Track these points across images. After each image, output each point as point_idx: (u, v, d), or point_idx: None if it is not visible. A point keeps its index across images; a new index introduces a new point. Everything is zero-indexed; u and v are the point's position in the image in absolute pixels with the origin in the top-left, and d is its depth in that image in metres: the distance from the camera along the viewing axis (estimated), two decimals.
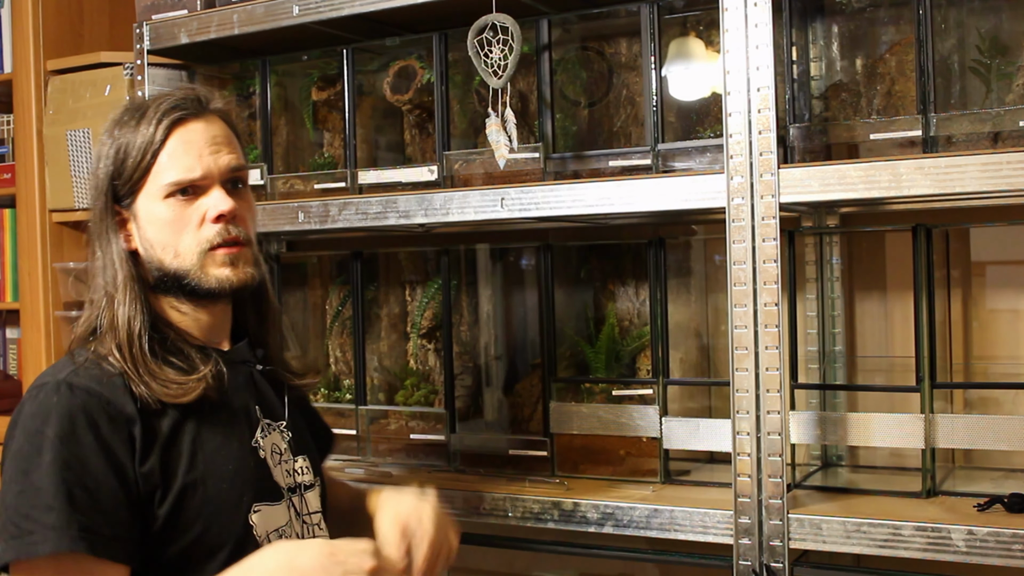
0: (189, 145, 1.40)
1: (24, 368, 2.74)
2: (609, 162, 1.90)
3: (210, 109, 1.45)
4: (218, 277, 1.41)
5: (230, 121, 1.50)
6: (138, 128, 1.40)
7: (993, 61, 1.73)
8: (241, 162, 1.46)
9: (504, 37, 1.86)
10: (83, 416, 1.29)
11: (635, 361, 2.09)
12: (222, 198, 1.40)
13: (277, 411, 1.51)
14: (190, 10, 2.29)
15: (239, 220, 1.43)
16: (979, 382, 2.02)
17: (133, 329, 1.38)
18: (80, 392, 1.31)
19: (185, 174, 1.40)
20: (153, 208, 1.40)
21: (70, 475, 1.27)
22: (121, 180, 1.41)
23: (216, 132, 1.44)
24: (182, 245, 1.40)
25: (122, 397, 1.33)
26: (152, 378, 1.35)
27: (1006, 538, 1.54)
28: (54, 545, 1.24)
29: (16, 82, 2.71)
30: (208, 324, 1.47)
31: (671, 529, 1.79)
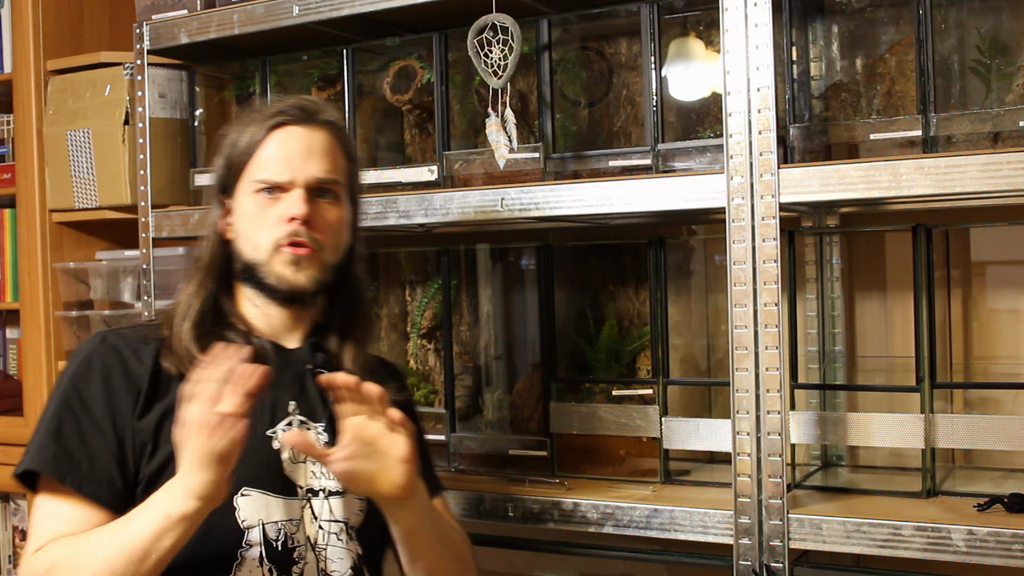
0: (283, 148, 1.50)
1: (24, 368, 2.74)
2: (609, 162, 1.90)
3: (317, 120, 1.53)
4: (278, 274, 1.49)
5: (339, 135, 1.56)
6: (248, 127, 1.52)
7: (993, 61, 1.73)
8: (331, 176, 1.52)
9: (504, 37, 1.86)
10: (99, 362, 1.44)
11: (635, 361, 2.09)
12: (298, 202, 1.48)
13: (318, 413, 1.52)
14: (190, 10, 2.29)
15: (315, 227, 1.49)
16: (979, 382, 2.02)
17: (190, 308, 1.50)
18: (108, 344, 1.46)
19: (271, 175, 1.49)
20: (245, 201, 1.51)
21: (68, 410, 1.41)
22: (228, 172, 1.53)
23: (314, 142, 1.51)
24: (259, 239, 1.49)
25: (145, 358, 1.46)
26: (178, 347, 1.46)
27: (1006, 538, 1.54)
28: (26, 464, 1.39)
29: (16, 82, 2.71)
30: (277, 322, 1.54)
31: (671, 529, 1.79)
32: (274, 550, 1.43)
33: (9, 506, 2.91)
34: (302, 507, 1.46)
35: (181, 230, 2.31)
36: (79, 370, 1.44)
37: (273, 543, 1.43)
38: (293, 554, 1.44)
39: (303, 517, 1.46)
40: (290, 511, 1.45)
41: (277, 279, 1.49)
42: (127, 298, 2.68)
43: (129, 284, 2.68)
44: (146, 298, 2.38)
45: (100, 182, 2.56)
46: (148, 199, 2.36)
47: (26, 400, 2.73)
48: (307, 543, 1.45)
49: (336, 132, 1.55)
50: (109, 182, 2.55)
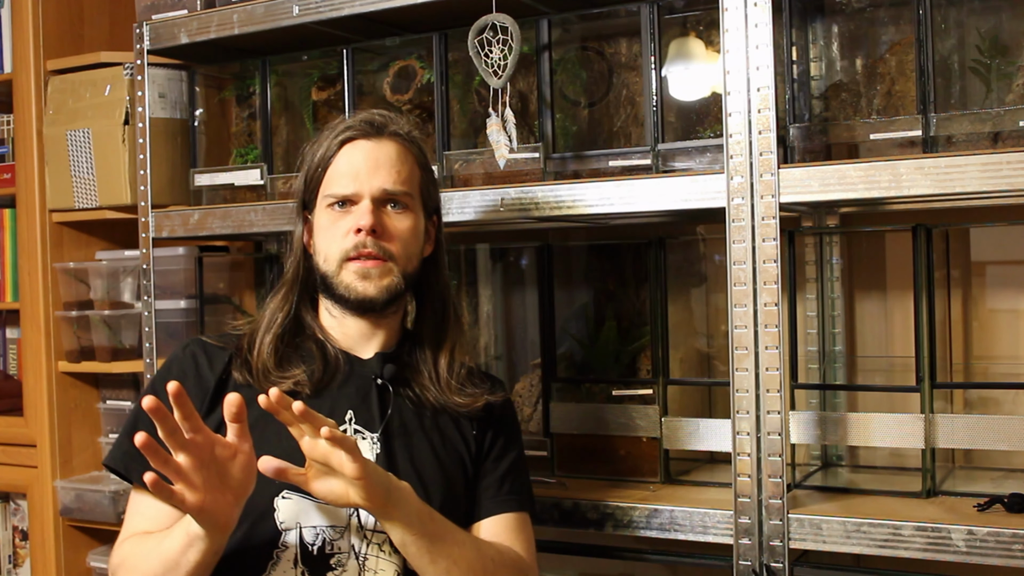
0: (350, 163, 1.55)
1: (24, 368, 2.74)
2: (609, 162, 1.90)
3: (384, 132, 1.57)
4: (346, 285, 1.53)
5: (409, 146, 1.59)
6: (321, 144, 1.58)
7: (993, 61, 1.73)
8: (398, 187, 1.55)
9: (504, 37, 1.86)
10: (177, 367, 1.54)
11: (635, 361, 2.09)
12: (364, 214, 1.52)
13: (375, 423, 1.53)
14: (190, 10, 2.29)
15: (383, 238, 1.53)
16: (979, 382, 2.02)
17: (274, 319, 1.57)
18: (188, 351, 1.57)
19: (339, 188, 1.54)
20: (320, 215, 1.57)
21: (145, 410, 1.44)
22: (306, 188, 1.60)
23: (381, 154, 1.55)
24: (330, 251, 1.54)
25: (217, 365, 1.54)
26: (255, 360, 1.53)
27: (1006, 538, 1.54)
28: (105, 459, 1.51)
29: (16, 82, 2.71)
30: (353, 332, 1.58)
31: (671, 529, 1.79)
32: (309, 553, 1.45)
33: (9, 506, 2.91)
34: (349, 515, 1.47)
35: (181, 230, 2.31)
36: (160, 373, 1.57)
37: (309, 546, 1.45)
38: (331, 560, 1.46)
39: (349, 525, 1.47)
40: (334, 517, 1.47)
41: (346, 290, 1.53)
42: (127, 298, 2.68)
43: (129, 284, 2.68)
44: (146, 298, 2.38)
45: (100, 182, 2.56)
46: (148, 199, 2.36)
47: (26, 400, 2.73)
48: (350, 551, 1.47)
49: (405, 143, 1.59)
50: (109, 182, 2.55)
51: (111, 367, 2.63)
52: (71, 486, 2.64)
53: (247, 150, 2.39)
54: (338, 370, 1.56)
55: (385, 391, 1.56)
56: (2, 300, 2.88)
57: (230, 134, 2.51)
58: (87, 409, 2.75)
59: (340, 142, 1.56)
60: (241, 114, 2.46)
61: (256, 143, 2.36)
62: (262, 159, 2.30)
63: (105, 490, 2.58)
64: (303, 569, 1.44)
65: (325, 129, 1.61)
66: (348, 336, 1.59)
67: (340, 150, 1.56)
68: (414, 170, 1.59)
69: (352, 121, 1.58)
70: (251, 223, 2.21)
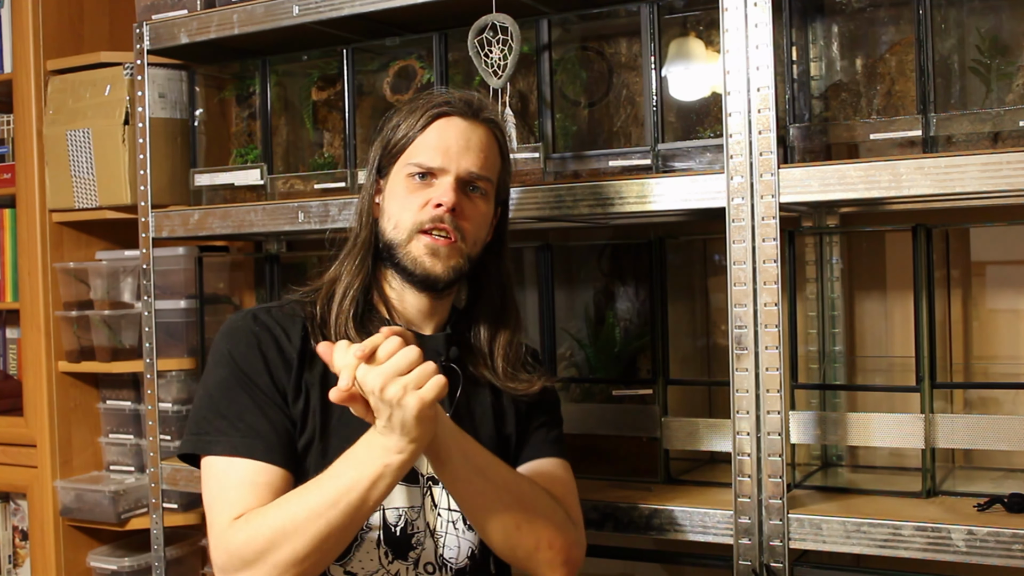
0: (442, 137, 1.52)
1: (24, 368, 2.74)
2: (609, 162, 1.90)
3: (481, 116, 1.56)
4: (413, 258, 1.50)
5: (498, 135, 1.59)
6: (412, 112, 1.55)
7: (993, 61, 1.73)
8: (484, 172, 1.54)
9: (504, 37, 1.86)
10: (255, 341, 1.47)
11: (635, 361, 2.09)
12: (447, 191, 1.50)
13: (444, 402, 1.51)
14: (190, 10, 2.29)
15: (460, 217, 1.51)
16: (979, 382, 2.02)
17: (350, 287, 1.53)
18: (260, 323, 1.50)
19: (427, 160, 1.51)
20: (396, 182, 1.54)
21: (242, 389, 1.45)
22: (386, 152, 1.56)
23: (473, 136, 1.54)
24: (403, 219, 1.51)
25: (294, 336, 1.49)
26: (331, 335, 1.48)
27: (1006, 538, 1.54)
28: (223, 449, 1.41)
29: (16, 82, 2.71)
30: (413, 307, 1.56)
31: (671, 529, 1.79)
32: (392, 535, 1.46)
33: (9, 506, 2.91)
34: (423, 494, 1.49)
35: (181, 230, 2.31)
36: (239, 350, 1.47)
37: (392, 528, 1.47)
38: (411, 540, 1.47)
39: (424, 504, 1.49)
40: (412, 498, 1.48)
41: (413, 263, 1.50)
42: (127, 298, 2.68)
43: (129, 284, 2.68)
44: (146, 298, 2.38)
45: (100, 182, 2.56)
46: (148, 199, 2.36)
47: (26, 400, 2.73)
48: (426, 529, 1.49)
49: (496, 131, 1.58)
50: (109, 182, 2.55)
51: (111, 367, 2.63)
52: (71, 486, 2.64)
53: (247, 150, 2.39)
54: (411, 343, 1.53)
55: (451, 372, 1.54)
56: (2, 300, 2.88)
57: (230, 134, 2.51)
58: (87, 409, 2.75)
59: (435, 115, 1.53)
60: (241, 114, 2.46)
61: (256, 143, 2.36)
62: (262, 159, 2.30)
63: (105, 490, 2.58)
64: (386, 550, 1.46)
65: (418, 98, 1.58)
66: (407, 311, 1.57)
67: (434, 122, 1.53)
68: (497, 159, 1.58)
69: (450, 97, 1.56)
70: (251, 223, 2.21)
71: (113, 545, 2.77)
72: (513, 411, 1.61)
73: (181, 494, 2.54)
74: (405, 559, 1.47)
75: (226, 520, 1.37)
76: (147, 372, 2.39)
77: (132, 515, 2.61)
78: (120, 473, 2.71)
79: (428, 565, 1.48)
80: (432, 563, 1.48)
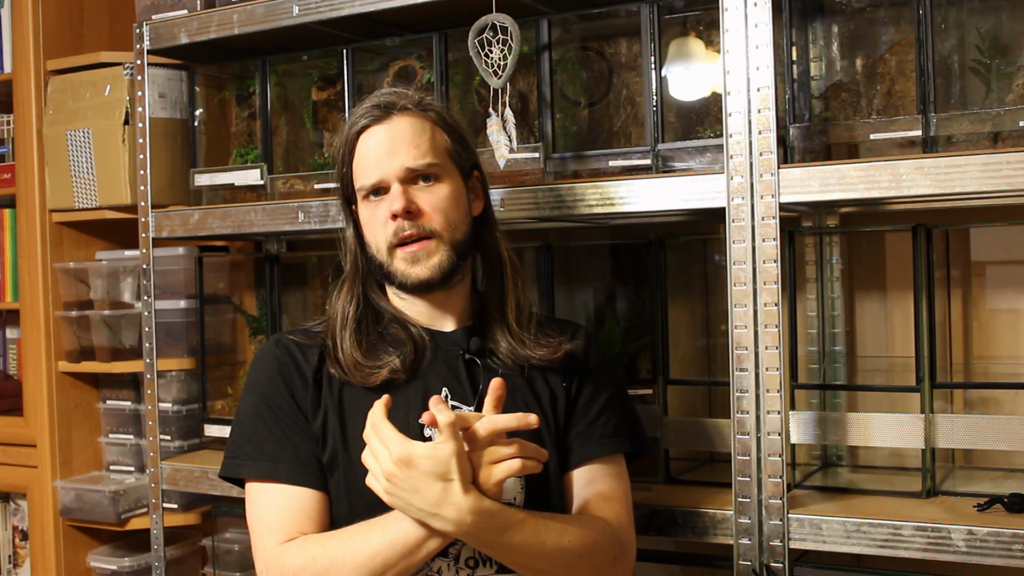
0: (368, 152, 1.54)
1: (24, 368, 2.74)
2: (609, 162, 1.90)
3: (394, 111, 1.55)
4: (401, 272, 1.53)
5: (425, 115, 1.57)
6: (343, 143, 1.58)
7: (993, 61, 1.73)
8: (420, 161, 1.53)
9: (504, 37, 1.86)
10: (278, 365, 1.54)
11: (635, 361, 2.09)
12: (396, 197, 1.51)
13: (469, 397, 1.54)
14: (190, 10, 2.29)
15: (421, 216, 1.52)
16: (979, 382, 2.02)
17: (346, 314, 1.57)
18: (283, 347, 1.57)
19: (366, 180, 1.54)
20: (361, 208, 1.58)
21: (267, 414, 1.52)
22: (343, 187, 1.61)
23: (396, 134, 1.53)
24: (377, 241, 1.55)
25: (312, 357, 1.55)
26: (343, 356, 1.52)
27: (1006, 538, 1.54)
28: (249, 472, 1.50)
29: (16, 82, 2.71)
30: (425, 310, 1.59)
31: (671, 529, 1.79)
32: None
33: (9, 506, 2.91)
34: None
35: (181, 230, 2.31)
36: (265, 376, 1.55)
37: None
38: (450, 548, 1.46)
39: None
40: None
41: (402, 276, 1.53)
42: (127, 298, 2.68)
43: (129, 284, 2.68)
44: (146, 298, 2.38)
45: (100, 182, 2.57)
46: (148, 199, 2.36)
47: (26, 400, 2.73)
48: None
49: (418, 114, 1.56)
50: (109, 182, 2.55)
51: (111, 367, 2.63)
52: (71, 486, 2.64)
53: (247, 150, 2.39)
54: (426, 348, 1.55)
55: (473, 364, 1.56)
56: (2, 300, 2.88)
57: (230, 134, 2.51)
58: (87, 409, 2.76)
59: (355, 134, 1.55)
60: (241, 114, 2.46)
61: (256, 143, 2.36)
62: (262, 159, 2.30)
63: (105, 490, 2.58)
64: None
65: (343, 123, 1.61)
66: (423, 314, 1.59)
67: (358, 141, 1.55)
68: (436, 137, 1.56)
69: (362, 109, 1.56)
70: (251, 223, 2.21)
71: (113, 545, 2.77)
72: (548, 382, 1.58)
73: (181, 494, 2.54)
74: (446, 555, 1.46)
75: (272, 543, 1.45)
76: (147, 372, 2.39)
77: (132, 515, 2.62)
78: (120, 473, 2.71)
79: (470, 560, 1.47)
80: (473, 557, 1.48)
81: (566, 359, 1.59)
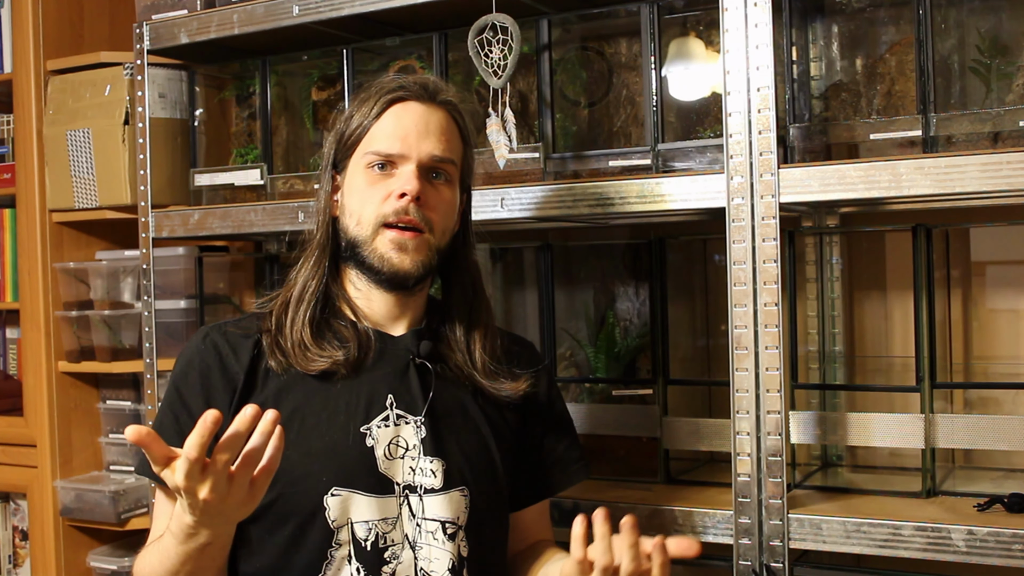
0: (399, 122, 1.46)
1: (24, 368, 2.74)
2: (609, 162, 1.90)
3: (438, 99, 1.49)
4: (380, 255, 1.44)
5: (458, 118, 1.52)
6: (366, 101, 1.48)
7: (993, 61, 1.73)
8: (447, 155, 1.47)
9: (504, 37, 1.86)
10: (199, 362, 1.44)
11: (635, 361, 2.09)
12: (410, 179, 1.43)
13: (417, 406, 1.46)
14: (190, 10, 2.29)
15: (426, 207, 1.45)
16: (979, 382, 2.02)
17: (305, 291, 1.47)
18: (209, 342, 1.46)
19: (386, 147, 1.45)
20: (355, 175, 1.47)
21: (170, 411, 1.44)
22: (340, 146, 1.50)
23: (432, 120, 1.47)
24: (365, 214, 1.45)
25: (243, 354, 1.44)
26: (291, 343, 1.43)
27: (1006, 538, 1.54)
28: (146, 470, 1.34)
29: (16, 82, 2.71)
30: (381, 308, 1.50)
31: (671, 529, 1.79)
32: (363, 549, 1.40)
33: (9, 506, 2.91)
34: (399, 504, 1.42)
35: (181, 230, 2.31)
36: (182, 370, 1.46)
37: (362, 542, 1.40)
38: (384, 553, 1.41)
39: (400, 514, 1.42)
40: (385, 510, 1.41)
41: (380, 260, 1.44)
42: (127, 298, 2.68)
43: (129, 284, 2.68)
44: (146, 298, 2.38)
45: (100, 182, 2.56)
46: (148, 199, 2.36)
47: (26, 400, 2.73)
48: (404, 541, 1.42)
49: (456, 114, 1.52)
50: (109, 182, 2.55)
51: (111, 367, 2.63)
52: (71, 486, 2.64)
53: (247, 150, 2.39)
54: (370, 348, 1.46)
55: (424, 370, 1.48)
56: (2, 300, 2.88)
57: (230, 134, 2.51)
58: (87, 409, 2.76)
59: (390, 100, 1.46)
60: (241, 114, 2.46)
61: (256, 143, 2.36)
62: (262, 159, 2.30)
63: (105, 490, 2.58)
64: (357, 566, 1.39)
65: (370, 87, 1.51)
66: (375, 312, 1.50)
67: (389, 108, 1.46)
68: (459, 142, 1.51)
69: (404, 80, 1.48)
70: (251, 223, 2.21)
71: (113, 545, 2.77)
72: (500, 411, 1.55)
73: None
74: (379, 574, 1.40)
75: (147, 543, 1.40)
76: (147, 372, 2.39)
77: (132, 515, 2.61)
78: (120, 473, 2.71)
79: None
80: None
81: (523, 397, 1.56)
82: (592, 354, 2.10)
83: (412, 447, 1.44)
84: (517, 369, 1.56)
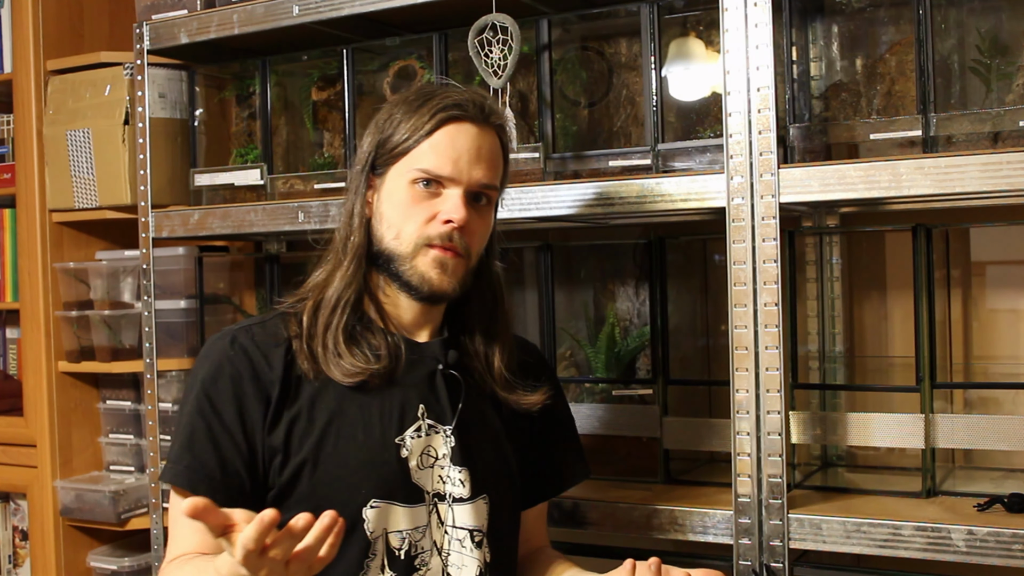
0: (453, 143, 1.42)
1: (24, 368, 2.74)
2: (609, 162, 1.90)
3: (491, 121, 1.47)
4: (421, 274, 1.42)
5: (504, 140, 1.51)
6: (418, 110, 1.43)
7: (993, 61, 1.73)
8: (493, 182, 1.47)
9: (504, 37, 1.86)
10: (229, 368, 1.39)
11: (635, 361, 2.09)
12: (458, 207, 1.41)
13: (447, 415, 1.46)
14: (190, 10, 2.29)
15: (467, 233, 1.43)
16: (979, 382, 2.02)
17: (341, 298, 1.43)
18: (238, 347, 1.41)
19: (437, 167, 1.41)
20: (397, 186, 1.43)
21: (201, 418, 1.38)
22: (383, 149, 1.45)
23: (484, 144, 1.45)
24: (405, 230, 1.42)
25: (276, 361, 1.40)
26: (324, 350, 1.40)
27: (1006, 538, 1.54)
28: (172, 477, 1.37)
29: (16, 82, 2.71)
30: (408, 314, 1.48)
31: (671, 529, 1.79)
32: (396, 558, 1.40)
33: (9, 506, 2.91)
34: (429, 512, 1.43)
35: (181, 230, 2.31)
36: (210, 375, 1.40)
37: (396, 552, 1.40)
38: (415, 561, 1.41)
39: (430, 522, 1.43)
40: (416, 519, 1.42)
41: (420, 279, 1.42)
42: (127, 298, 2.68)
43: (129, 284, 2.68)
44: (146, 298, 2.38)
45: (100, 182, 2.56)
46: (148, 199, 2.36)
47: (26, 400, 2.73)
48: (433, 548, 1.43)
49: (503, 136, 1.51)
50: (109, 182, 2.55)
51: (111, 367, 2.63)
52: (71, 486, 2.64)
53: (247, 150, 2.39)
54: (400, 357, 1.44)
55: (453, 380, 1.48)
56: (2, 300, 2.88)
57: (230, 134, 2.51)
58: (87, 409, 2.75)
59: (445, 118, 1.42)
60: (241, 114, 2.46)
61: (256, 143, 2.36)
62: (262, 159, 2.30)
63: (105, 490, 2.58)
64: (391, 574, 1.39)
65: (423, 94, 1.46)
66: (402, 318, 1.48)
67: (443, 126, 1.42)
68: (502, 166, 1.51)
69: (460, 98, 1.44)
70: (251, 223, 2.21)
71: (113, 545, 2.77)
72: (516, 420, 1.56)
73: None
74: None
75: (168, 557, 1.37)
76: (147, 372, 2.39)
77: (132, 515, 2.61)
78: (120, 473, 2.71)
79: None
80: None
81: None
82: (592, 354, 2.10)
83: (442, 456, 1.45)
84: (533, 381, 1.56)
